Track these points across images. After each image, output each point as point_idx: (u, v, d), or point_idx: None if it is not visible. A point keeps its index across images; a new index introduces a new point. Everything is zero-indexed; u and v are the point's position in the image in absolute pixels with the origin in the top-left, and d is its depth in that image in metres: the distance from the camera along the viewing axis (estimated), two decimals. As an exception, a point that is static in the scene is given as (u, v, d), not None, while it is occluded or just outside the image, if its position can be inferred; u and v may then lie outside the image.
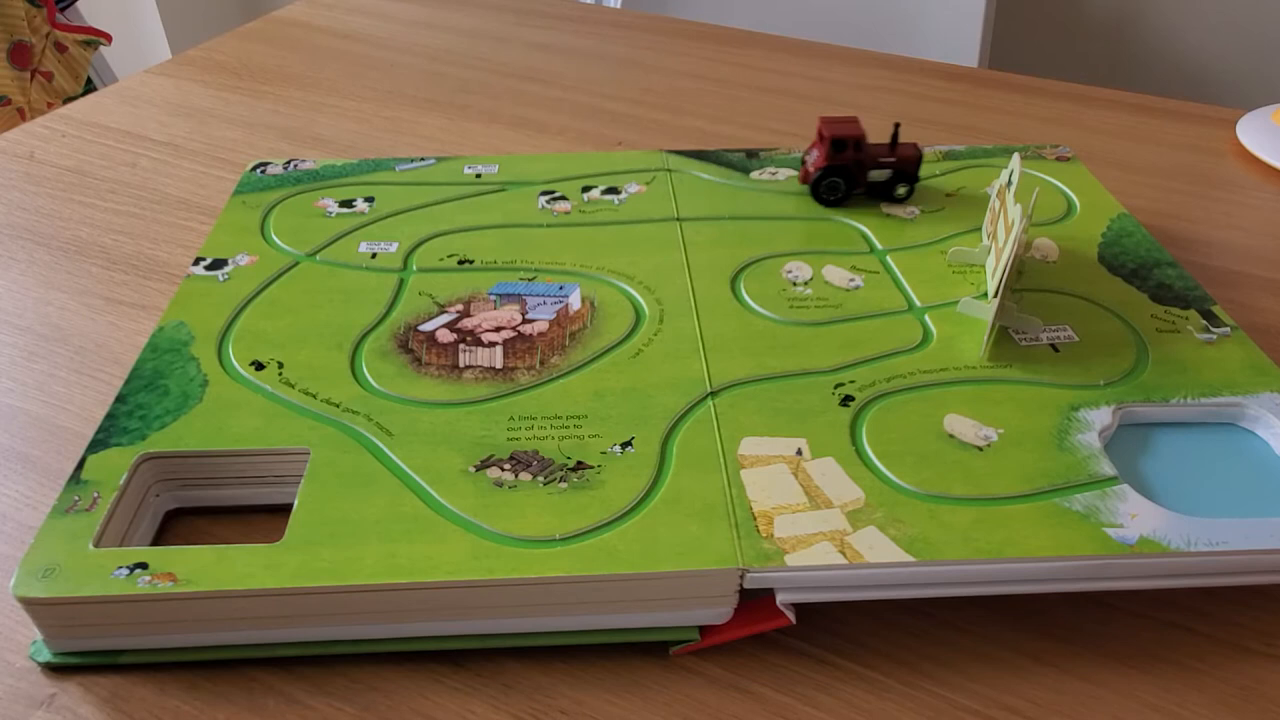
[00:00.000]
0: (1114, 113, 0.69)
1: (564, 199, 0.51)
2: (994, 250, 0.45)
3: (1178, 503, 0.33)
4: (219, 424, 0.36)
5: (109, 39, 1.42)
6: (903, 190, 0.51)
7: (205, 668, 0.31)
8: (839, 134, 0.50)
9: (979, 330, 0.42)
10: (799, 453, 0.35)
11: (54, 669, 0.31)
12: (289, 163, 0.54)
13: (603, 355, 0.40)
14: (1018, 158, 0.46)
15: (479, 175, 0.53)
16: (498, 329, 0.41)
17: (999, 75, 0.75)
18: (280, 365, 0.39)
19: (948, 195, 0.52)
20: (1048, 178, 0.54)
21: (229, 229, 0.48)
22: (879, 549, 0.31)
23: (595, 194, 0.52)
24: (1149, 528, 0.32)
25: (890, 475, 0.34)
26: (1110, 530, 0.32)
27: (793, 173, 0.54)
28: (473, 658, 0.32)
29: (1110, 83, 1.30)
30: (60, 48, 1.36)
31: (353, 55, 0.76)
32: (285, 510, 0.33)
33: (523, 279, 0.45)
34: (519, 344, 0.40)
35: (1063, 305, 0.43)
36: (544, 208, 0.50)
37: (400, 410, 0.37)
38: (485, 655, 0.32)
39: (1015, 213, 0.42)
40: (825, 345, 0.40)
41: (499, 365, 0.39)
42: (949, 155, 0.56)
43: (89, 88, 1.43)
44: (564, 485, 0.33)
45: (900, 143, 0.51)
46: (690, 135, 0.65)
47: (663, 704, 0.30)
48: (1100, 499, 0.33)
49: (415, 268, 0.45)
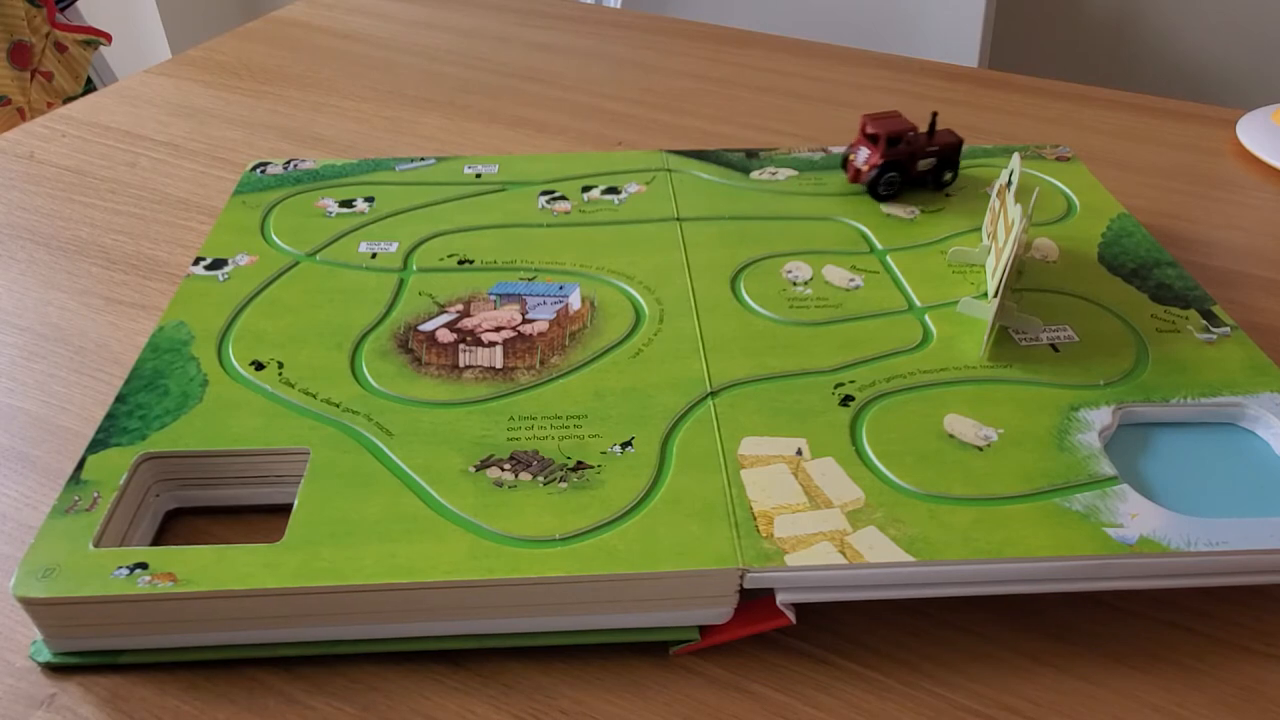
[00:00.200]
0: (1114, 113, 0.69)
1: (564, 199, 0.51)
2: (994, 250, 0.45)
3: (1178, 503, 0.33)
4: (219, 424, 0.36)
5: (109, 39, 1.42)
6: (948, 176, 0.52)
7: (205, 668, 0.31)
8: (893, 130, 0.51)
9: (979, 330, 0.42)
10: (799, 453, 0.35)
11: (54, 669, 0.31)
12: (289, 163, 0.54)
13: (603, 355, 0.40)
14: (1018, 158, 0.46)
15: (479, 175, 0.53)
16: (498, 329, 0.41)
17: (999, 75, 0.75)
18: (280, 365, 0.39)
19: (948, 195, 0.52)
20: (1048, 178, 0.54)
21: (229, 229, 0.48)
22: (879, 549, 0.31)
23: (595, 194, 0.52)
24: (1149, 528, 0.32)
25: (890, 475, 0.34)
26: (1110, 530, 0.32)
27: (793, 172, 0.54)
28: (473, 658, 0.32)
29: (1110, 83, 1.30)
30: (60, 48, 1.36)
31: (352, 55, 0.76)
32: (285, 510, 0.33)
33: (523, 279, 0.45)
34: (519, 344, 0.40)
35: (1063, 305, 0.43)
36: (544, 208, 0.50)
37: (400, 410, 0.37)
38: (485, 655, 0.32)
39: (1015, 213, 0.42)
40: (825, 345, 0.40)
41: (499, 365, 0.39)
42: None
43: (89, 88, 1.43)
44: (564, 485, 0.33)
45: (938, 130, 0.52)
46: (690, 135, 0.65)
47: (663, 704, 0.30)
48: (1100, 499, 0.33)
49: (415, 268, 0.45)
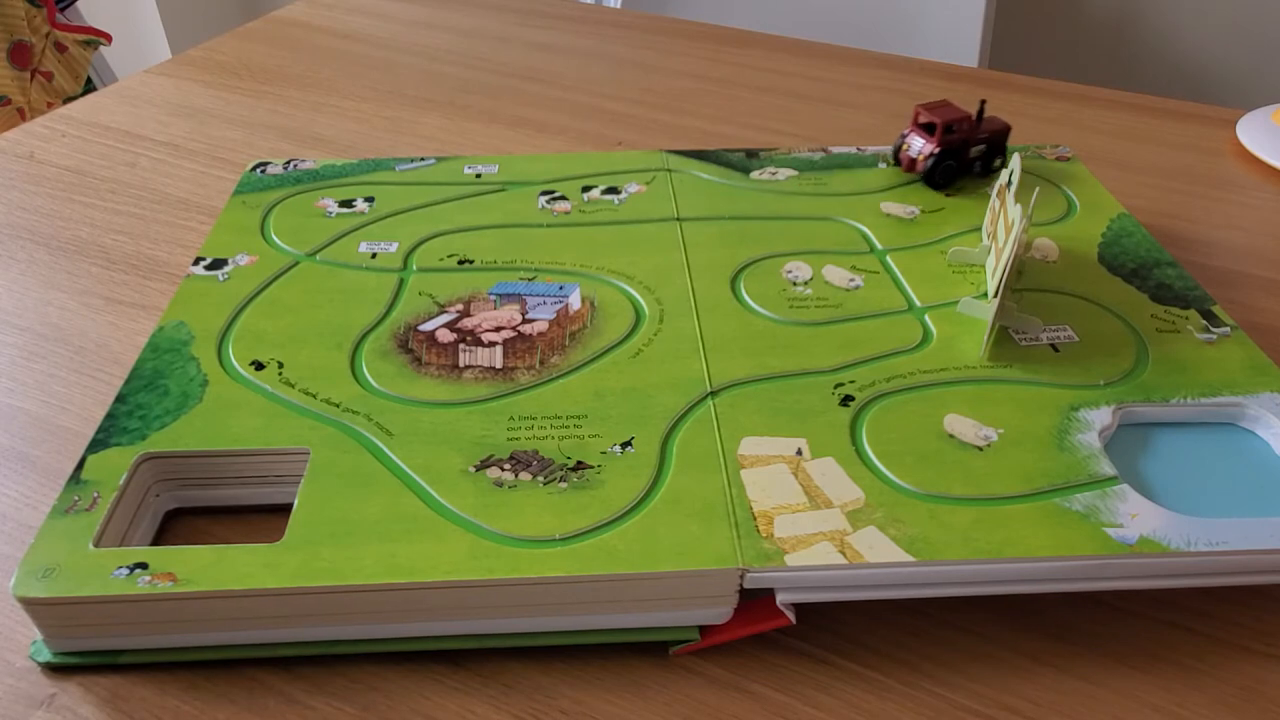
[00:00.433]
0: (1114, 113, 0.69)
1: (564, 199, 0.51)
2: (994, 250, 0.45)
3: (1178, 503, 0.33)
4: (219, 424, 0.36)
5: (109, 39, 1.42)
6: (997, 162, 0.53)
7: (205, 668, 0.31)
8: (948, 118, 0.52)
9: (979, 330, 0.42)
10: (799, 453, 0.35)
11: (54, 669, 0.31)
12: (289, 163, 0.54)
13: (603, 355, 0.40)
14: (1018, 157, 0.46)
15: (479, 175, 0.53)
16: (498, 329, 0.41)
17: (999, 75, 0.75)
18: (280, 365, 0.39)
19: (948, 195, 0.52)
20: (1048, 178, 0.54)
21: (229, 229, 0.48)
22: (879, 549, 0.31)
23: (595, 194, 0.52)
24: (1149, 528, 0.32)
25: (890, 475, 0.34)
26: (1110, 530, 0.32)
27: (793, 172, 0.54)
28: (473, 658, 0.32)
29: (1110, 83, 1.30)
30: (60, 48, 1.36)
31: (352, 55, 0.76)
32: (285, 510, 0.33)
33: (523, 279, 0.45)
34: (519, 344, 0.40)
35: (1063, 305, 0.43)
36: (544, 208, 0.50)
37: (400, 410, 0.37)
38: (485, 655, 0.32)
39: (1015, 213, 0.42)
40: (825, 345, 0.40)
41: (499, 365, 0.39)
42: (949, 155, 0.56)
43: (89, 88, 1.43)
44: (564, 485, 0.33)
45: (985, 117, 0.53)
46: (690, 135, 0.65)
47: (663, 704, 0.30)
48: (1100, 499, 0.33)
49: (415, 268, 0.45)
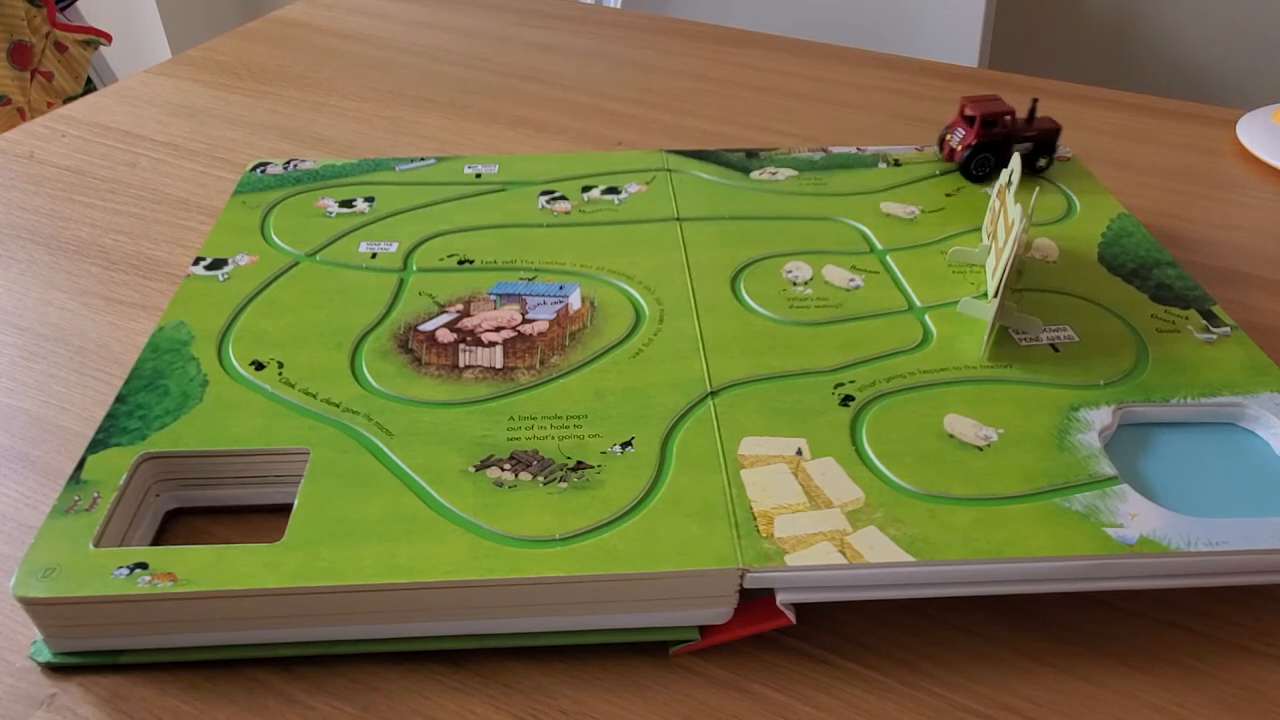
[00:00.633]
0: (1114, 113, 0.69)
1: (564, 199, 0.51)
2: (994, 250, 0.45)
3: (1178, 503, 0.33)
4: (219, 424, 0.36)
5: (109, 39, 1.42)
6: (1043, 162, 0.53)
7: (205, 668, 0.31)
8: (989, 112, 0.52)
9: (979, 330, 0.42)
10: (799, 453, 0.35)
11: (54, 669, 0.31)
12: (289, 163, 0.54)
13: (603, 355, 0.40)
14: (1018, 157, 0.46)
15: (479, 175, 0.53)
16: (498, 329, 0.41)
17: (999, 75, 0.75)
18: (280, 365, 0.39)
19: (948, 195, 0.52)
20: (1048, 178, 0.54)
21: (229, 229, 0.48)
22: (879, 549, 0.31)
23: (595, 194, 0.52)
24: (1149, 528, 0.32)
25: (890, 475, 0.34)
26: (1110, 530, 0.32)
27: (793, 172, 0.54)
28: (473, 658, 0.32)
29: (1110, 83, 1.30)
30: (60, 48, 1.36)
31: (353, 55, 0.76)
32: (285, 510, 0.33)
33: (523, 279, 0.45)
34: (519, 344, 0.40)
35: (1063, 305, 0.43)
36: (544, 208, 0.50)
37: (400, 410, 0.37)
38: (485, 655, 0.32)
39: (1015, 213, 0.42)
40: (825, 345, 0.40)
41: (499, 365, 0.39)
42: (949, 155, 0.56)
43: (89, 88, 1.43)
44: (564, 485, 0.33)
45: (1038, 116, 0.53)
46: (690, 135, 0.65)
47: (663, 704, 0.30)
48: (1100, 499, 0.33)
49: (415, 268, 0.45)
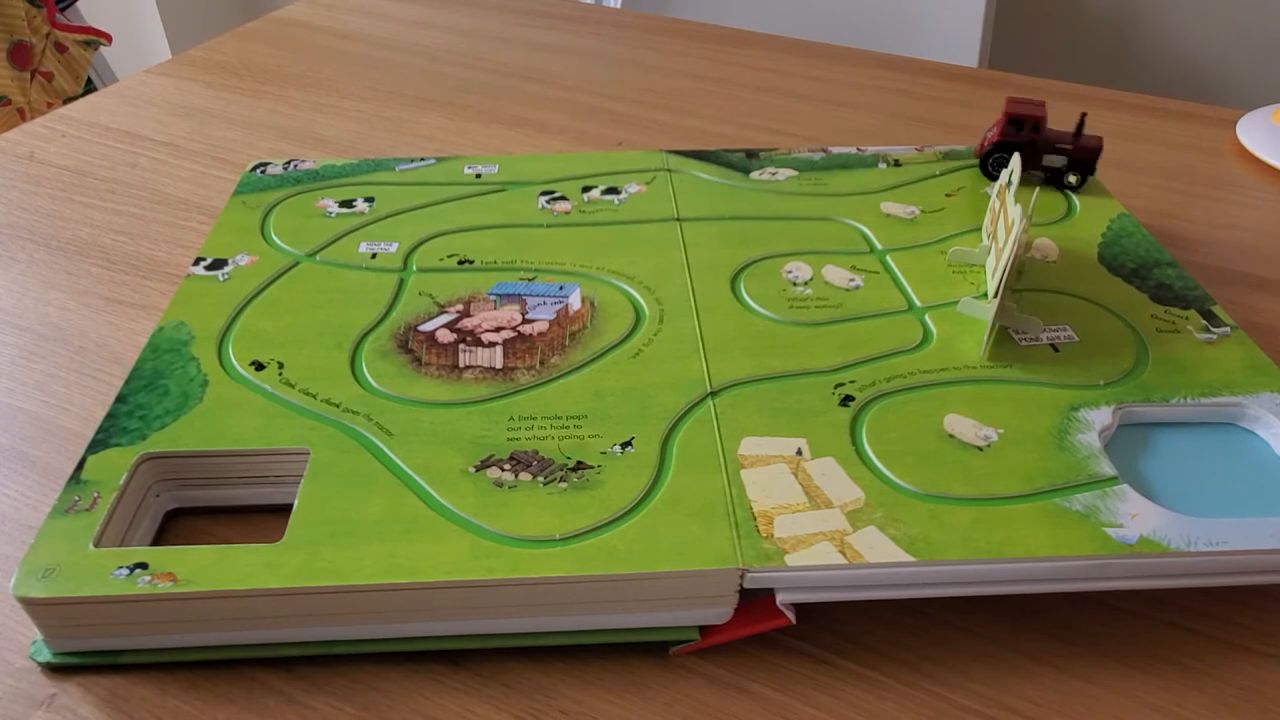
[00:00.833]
0: (1114, 113, 0.69)
1: (564, 199, 0.51)
2: (994, 250, 0.45)
3: (1178, 503, 0.33)
4: (219, 424, 0.36)
5: (109, 39, 1.42)
6: (1074, 179, 0.52)
7: (205, 668, 0.31)
8: (1018, 113, 0.51)
9: (979, 330, 0.42)
10: (799, 453, 0.35)
11: (54, 669, 0.31)
12: (289, 163, 0.54)
13: (603, 355, 0.40)
14: (1018, 157, 0.46)
15: (479, 175, 0.53)
16: (498, 329, 0.41)
17: (999, 75, 0.75)
18: (280, 365, 0.39)
19: (948, 195, 0.52)
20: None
21: (229, 229, 0.48)
22: (879, 549, 0.31)
23: (595, 194, 0.52)
24: (1149, 528, 0.32)
25: (890, 475, 0.34)
26: (1110, 530, 0.32)
27: (793, 172, 0.54)
28: (473, 658, 0.32)
29: (1110, 83, 1.30)
30: (60, 48, 1.36)
31: (353, 55, 0.76)
32: (285, 510, 0.33)
33: (523, 279, 0.45)
34: (519, 344, 0.40)
35: (1063, 305, 0.43)
36: (544, 208, 0.50)
37: (400, 410, 0.37)
38: (485, 655, 0.32)
39: (1015, 213, 0.42)
40: (825, 345, 0.40)
41: (499, 365, 0.39)
42: (949, 155, 0.56)
43: (89, 88, 1.43)
44: (564, 485, 0.33)
45: (1085, 134, 0.52)
46: (690, 135, 0.65)
47: (663, 704, 0.30)
48: (1100, 499, 0.33)
49: (415, 268, 0.45)
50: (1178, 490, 0.34)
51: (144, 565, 0.30)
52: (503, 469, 0.34)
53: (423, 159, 0.55)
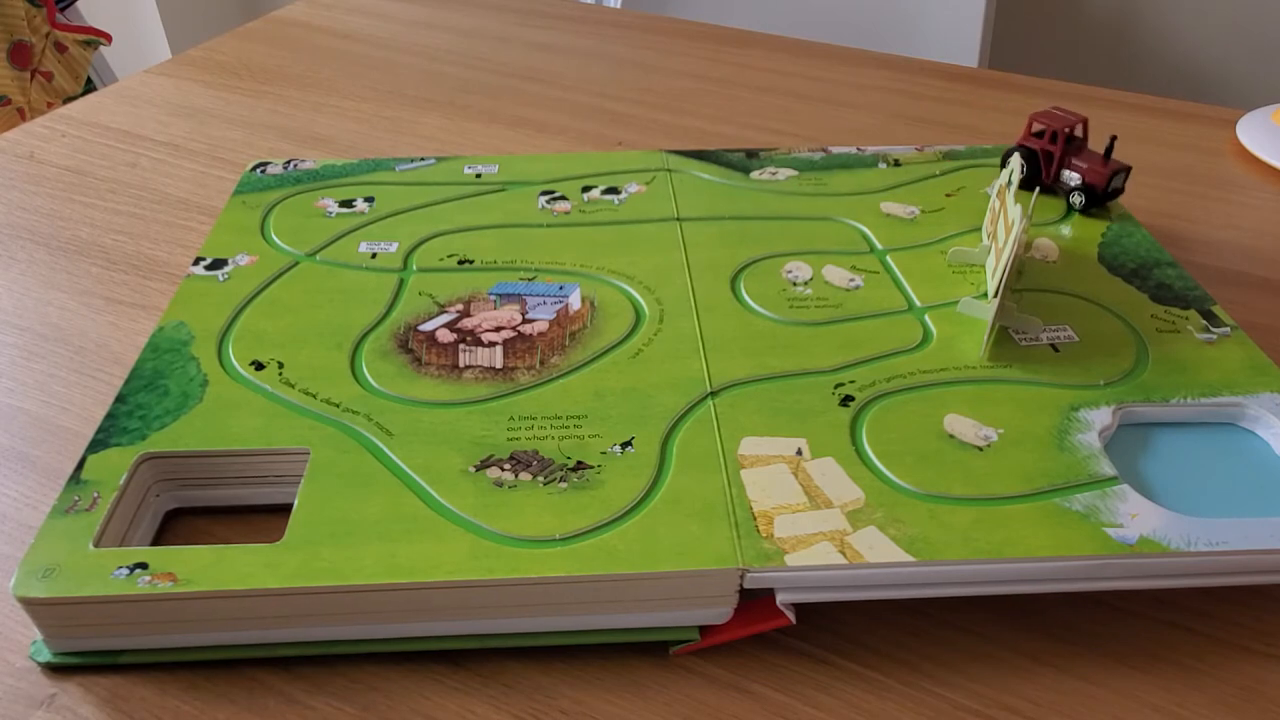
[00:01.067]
0: (1114, 113, 0.69)
1: (564, 199, 0.51)
2: (994, 250, 0.45)
3: (1178, 503, 0.33)
4: (219, 424, 0.36)
5: (109, 39, 1.42)
6: (1077, 200, 0.51)
7: (205, 668, 0.31)
8: (1044, 122, 0.51)
9: (979, 330, 0.42)
10: (799, 453, 0.35)
11: (54, 669, 0.31)
12: (289, 163, 0.54)
13: (603, 355, 0.40)
14: (1018, 157, 0.46)
15: (479, 175, 0.53)
16: (498, 329, 0.41)
17: (999, 75, 0.75)
18: (280, 365, 0.39)
19: (948, 195, 0.52)
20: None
21: (229, 229, 0.48)
22: (879, 549, 0.31)
23: (595, 194, 0.52)
24: (1149, 528, 0.32)
25: (890, 475, 0.34)
26: (1110, 530, 0.32)
27: (793, 172, 0.54)
28: (473, 658, 0.32)
29: (1110, 83, 1.30)
30: (60, 48, 1.36)
31: (353, 55, 0.76)
32: (285, 510, 0.33)
33: (523, 279, 0.45)
34: (519, 344, 0.40)
35: (1063, 305, 0.43)
36: (544, 208, 0.50)
37: (400, 410, 0.37)
38: (485, 655, 0.32)
39: (1015, 213, 0.42)
40: (825, 345, 0.40)
41: (499, 365, 0.39)
42: (949, 155, 0.56)
43: (89, 88, 1.43)
44: (564, 485, 0.33)
45: (1112, 160, 0.50)
46: (690, 135, 0.65)
47: (663, 704, 0.30)
48: (1100, 499, 0.33)
49: (415, 268, 0.45)
50: (1178, 490, 0.34)
51: (144, 565, 0.30)
52: (503, 469, 0.34)
53: (423, 159, 0.55)
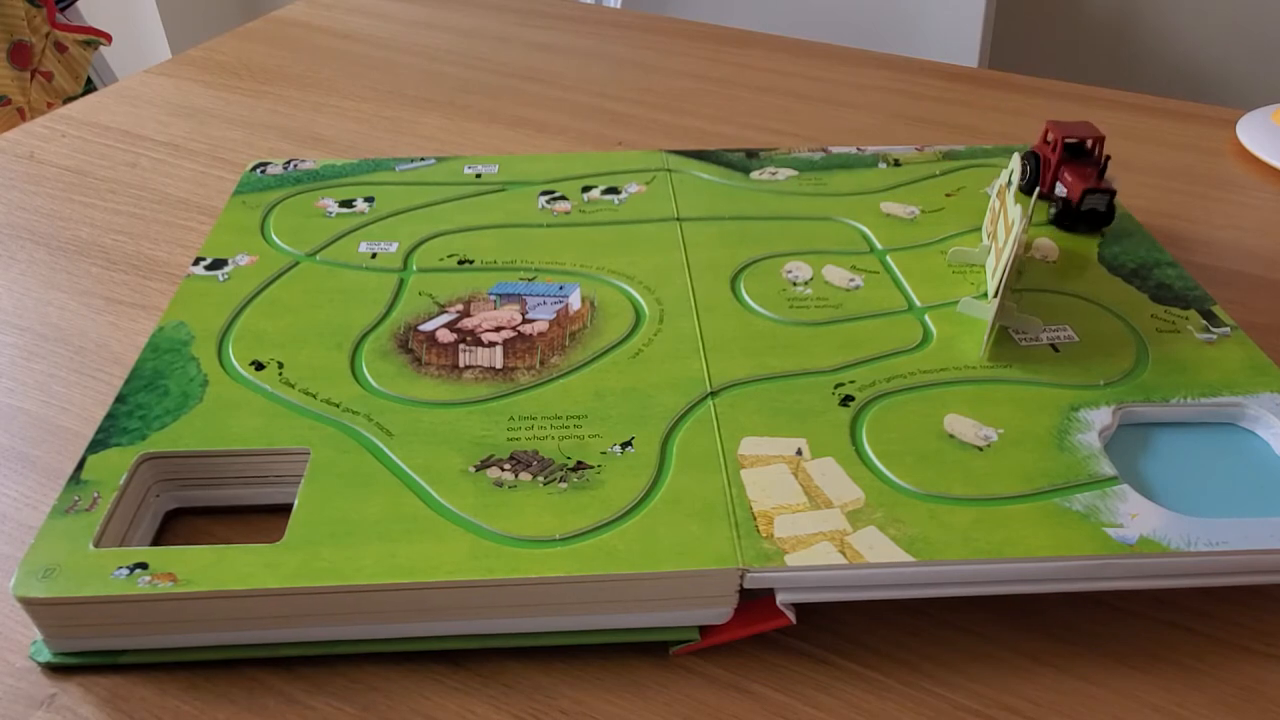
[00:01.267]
0: (1114, 113, 0.69)
1: (564, 199, 0.51)
2: (994, 250, 0.45)
3: (1178, 503, 0.33)
4: (219, 424, 0.36)
5: (109, 39, 1.42)
6: (1052, 211, 0.50)
7: (205, 668, 0.31)
8: (1054, 130, 0.50)
9: (979, 330, 0.42)
10: (799, 453, 0.35)
11: (54, 669, 0.31)
12: (289, 163, 0.54)
13: (603, 355, 0.40)
14: (1018, 157, 0.46)
15: (479, 175, 0.53)
16: (498, 329, 0.41)
17: (999, 75, 0.75)
18: (280, 365, 0.39)
19: (948, 195, 0.52)
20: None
21: (229, 229, 0.48)
22: (879, 549, 0.31)
23: (595, 194, 0.52)
24: (1149, 528, 0.32)
25: (890, 475, 0.34)
26: (1110, 530, 0.32)
27: (793, 172, 0.54)
28: (473, 658, 0.32)
29: (1110, 83, 1.30)
30: (60, 48, 1.36)
31: (353, 55, 0.76)
32: (285, 510, 0.33)
33: (523, 279, 0.45)
34: (519, 344, 0.40)
35: (1063, 305, 0.43)
36: (544, 208, 0.50)
37: (400, 410, 0.37)
38: (485, 655, 0.32)
39: (1015, 213, 0.42)
40: (825, 345, 0.40)
41: (499, 365, 0.39)
42: (949, 155, 0.56)
43: (89, 88, 1.43)
44: (564, 485, 0.33)
45: (1104, 180, 0.48)
46: (690, 135, 0.65)
47: (663, 704, 0.30)
48: (1100, 499, 0.33)
49: (415, 268, 0.45)
50: (1178, 490, 0.34)
51: (144, 565, 0.30)
52: (503, 469, 0.34)
53: (423, 159, 0.55)
